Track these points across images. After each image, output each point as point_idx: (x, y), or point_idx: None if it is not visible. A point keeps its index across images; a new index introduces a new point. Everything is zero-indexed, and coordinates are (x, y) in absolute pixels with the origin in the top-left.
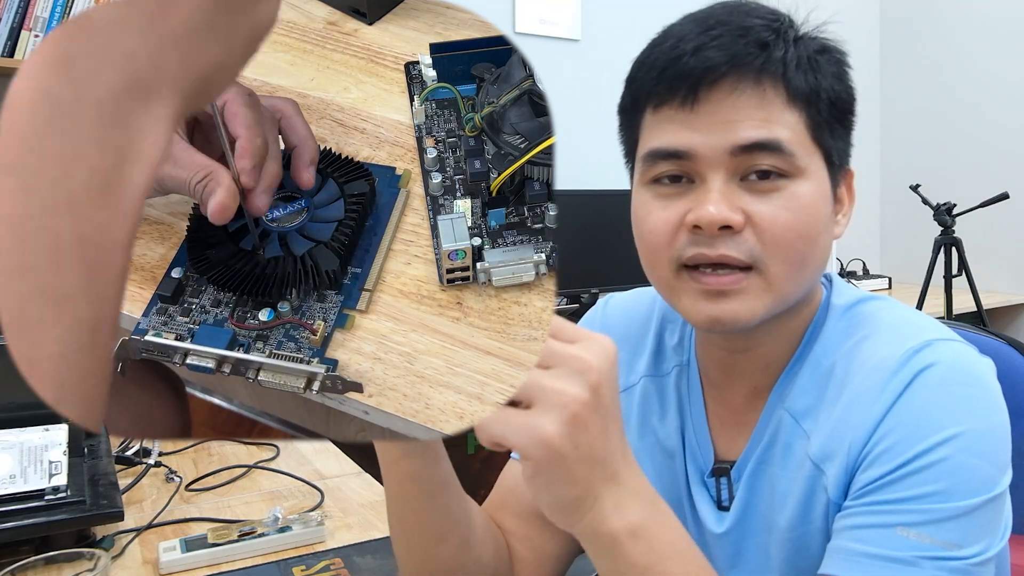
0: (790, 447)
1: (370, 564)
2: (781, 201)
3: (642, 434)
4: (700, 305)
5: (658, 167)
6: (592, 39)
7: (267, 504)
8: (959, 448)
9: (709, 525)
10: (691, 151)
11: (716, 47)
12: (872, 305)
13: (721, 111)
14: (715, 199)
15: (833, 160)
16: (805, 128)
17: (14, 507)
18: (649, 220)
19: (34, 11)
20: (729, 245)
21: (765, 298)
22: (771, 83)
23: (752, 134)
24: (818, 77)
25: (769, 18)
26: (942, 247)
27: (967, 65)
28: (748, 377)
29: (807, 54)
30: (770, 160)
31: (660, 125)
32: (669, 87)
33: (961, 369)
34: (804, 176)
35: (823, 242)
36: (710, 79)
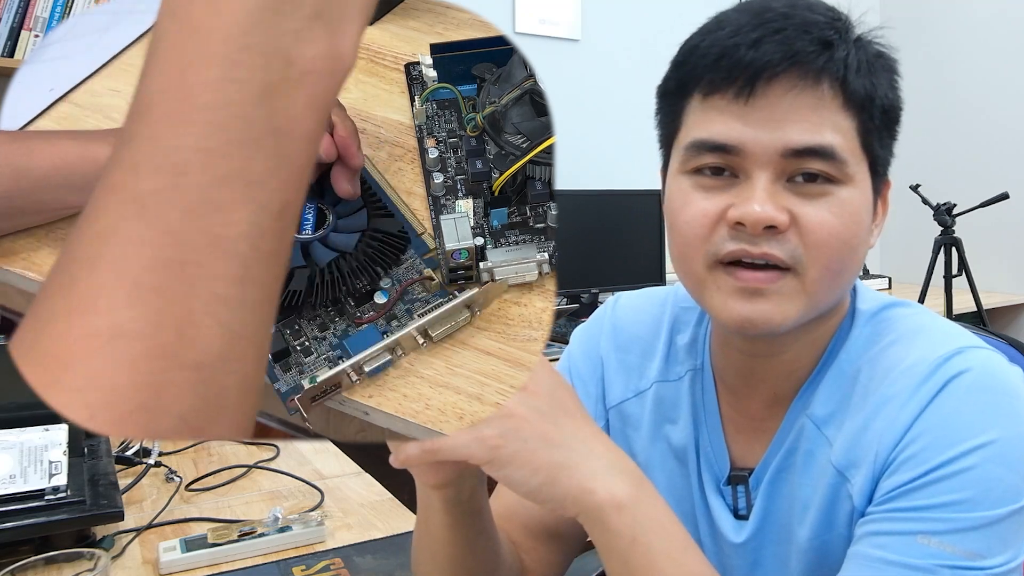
0: (812, 454)
1: (370, 564)
2: (828, 206)
3: (654, 440)
4: (732, 304)
5: (702, 158)
6: (592, 39)
7: (267, 504)
8: (986, 457)
9: (727, 534)
10: (741, 146)
11: (778, 41)
12: (899, 311)
13: (776, 109)
14: (761, 198)
15: (878, 169)
16: (856, 134)
17: (14, 507)
18: (687, 211)
19: (34, 11)
20: (772, 244)
21: (799, 301)
22: (830, 84)
23: (806, 138)
24: (875, 83)
25: (830, 16)
26: (942, 247)
27: (967, 65)
28: (769, 384)
29: (866, 58)
30: (820, 165)
31: (709, 115)
32: (725, 76)
33: (993, 377)
34: (852, 183)
35: (862, 252)
36: (769, 74)
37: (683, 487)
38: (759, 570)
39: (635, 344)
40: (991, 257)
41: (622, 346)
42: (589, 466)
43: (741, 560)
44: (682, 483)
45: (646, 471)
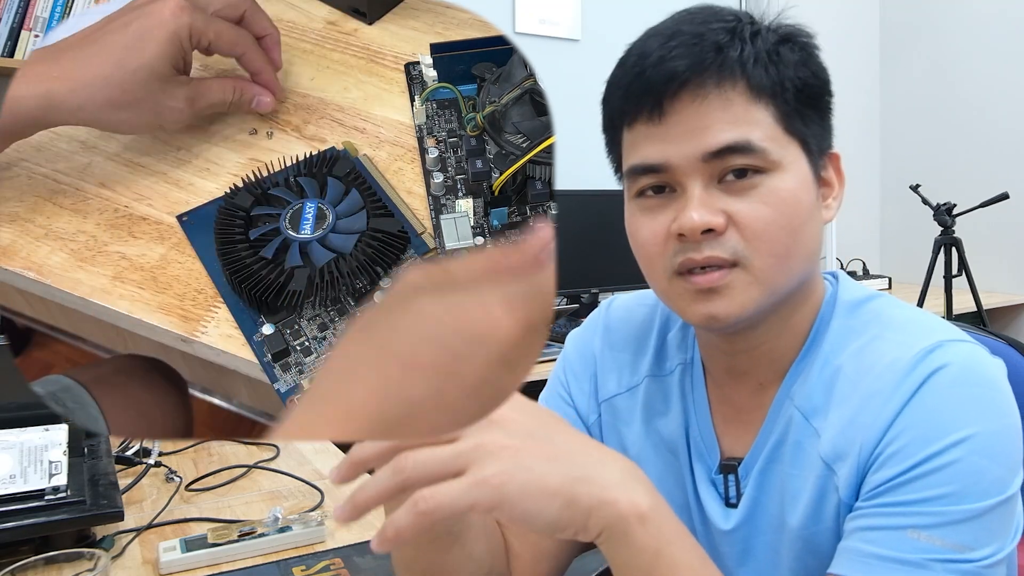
0: (800, 445)
1: (370, 564)
2: (759, 197)
3: (647, 434)
4: (694, 306)
5: (640, 181)
6: (592, 39)
7: (267, 504)
8: (971, 450)
9: (716, 522)
10: (666, 163)
11: (675, 57)
12: (880, 303)
13: (688, 119)
14: (695, 206)
15: (811, 147)
16: (775, 121)
17: (14, 507)
18: (640, 234)
19: (34, 11)
20: (714, 246)
21: (752, 291)
22: (731, 83)
23: (721, 138)
24: (780, 68)
25: (727, 20)
26: (942, 247)
27: (967, 65)
28: (752, 375)
29: (766, 48)
30: (743, 160)
31: (635, 141)
32: (636, 102)
33: (973, 370)
34: (781, 169)
35: (809, 231)
36: (672, 89)
37: (675, 478)
38: (749, 558)
39: (628, 343)
40: (991, 257)
41: (615, 345)
42: (604, 476)
43: (731, 548)
44: (674, 474)
45: (639, 464)
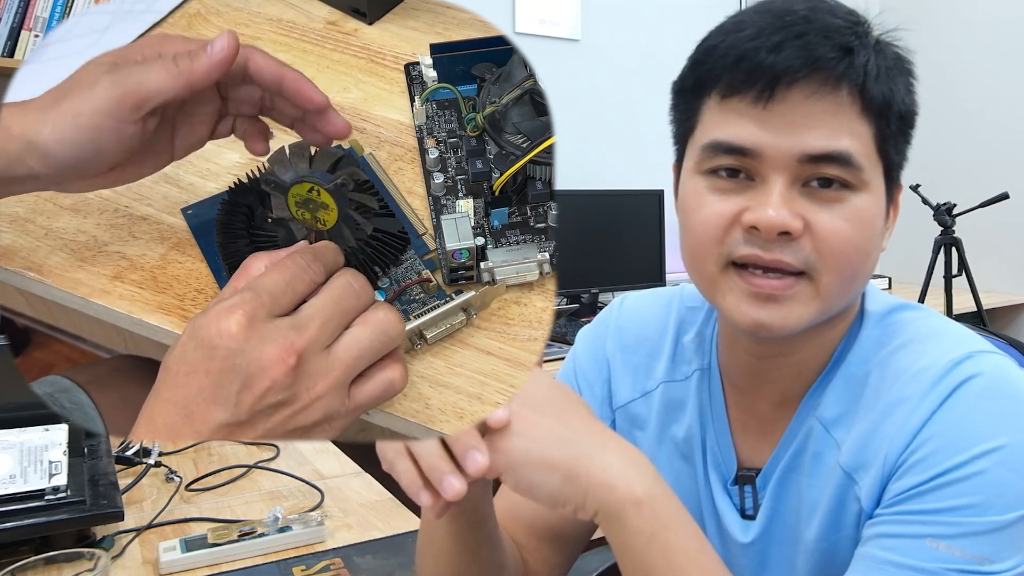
0: (820, 456)
1: (370, 564)
2: (842, 213)
3: (660, 440)
4: (745, 307)
5: (719, 159)
6: (592, 39)
7: (267, 504)
8: (997, 462)
9: (734, 534)
10: (758, 150)
11: (799, 46)
12: (908, 314)
13: (795, 114)
14: (776, 203)
15: (893, 175)
16: (873, 140)
17: (14, 507)
18: (702, 212)
19: (34, 11)
20: (785, 251)
21: (812, 306)
22: (849, 91)
23: (823, 144)
24: (893, 88)
25: (851, 20)
26: (942, 247)
27: (967, 65)
28: (778, 384)
29: (885, 63)
30: (836, 171)
31: (727, 116)
32: (745, 79)
33: (1004, 382)
34: (867, 190)
35: (874, 257)
36: (789, 79)
37: (690, 487)
38: (766, 570)
39: (641, 345)
40: (991, 257)
41: (628, 347)
42: (604, 459)
43: (748, 560)
44: (689, 483)
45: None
